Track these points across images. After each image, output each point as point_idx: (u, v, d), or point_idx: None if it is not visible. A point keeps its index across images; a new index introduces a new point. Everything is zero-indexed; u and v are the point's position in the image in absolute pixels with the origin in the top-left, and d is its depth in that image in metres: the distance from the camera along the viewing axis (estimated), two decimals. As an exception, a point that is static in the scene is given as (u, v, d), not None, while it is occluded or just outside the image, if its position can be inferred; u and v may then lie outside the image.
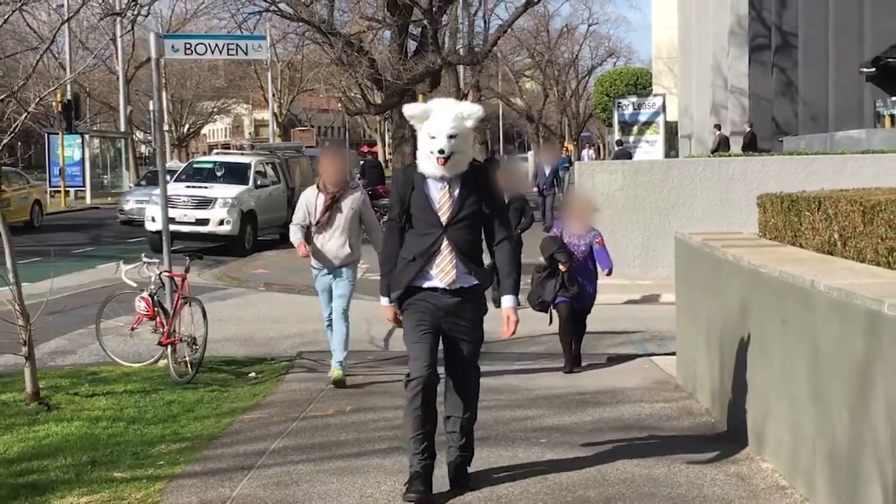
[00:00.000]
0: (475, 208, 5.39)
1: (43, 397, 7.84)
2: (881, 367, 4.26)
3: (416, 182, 5.41)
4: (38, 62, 11.64)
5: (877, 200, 5.68)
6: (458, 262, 5.40)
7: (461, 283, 5.44)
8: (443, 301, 5.43)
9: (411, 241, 5.46)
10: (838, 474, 4.77)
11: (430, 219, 5.38)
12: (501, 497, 5.36)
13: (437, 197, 5.38)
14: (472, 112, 5.38)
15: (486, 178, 5.54)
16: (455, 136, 5.27)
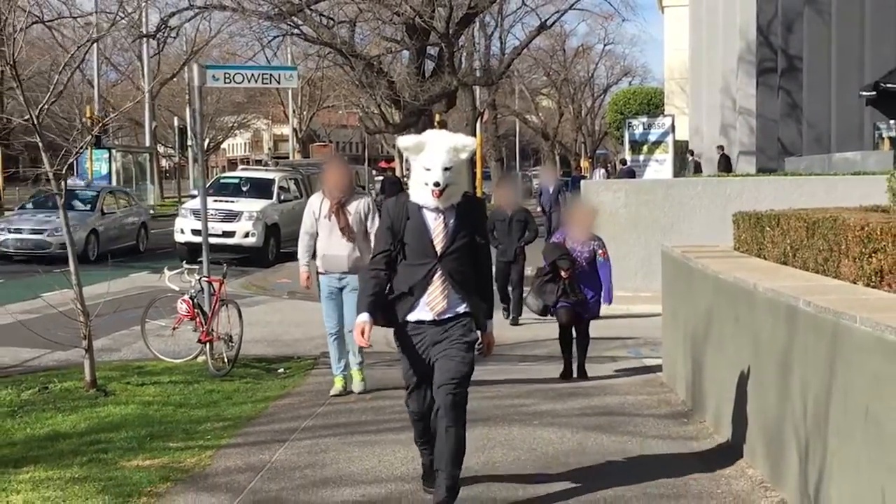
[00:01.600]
0: (468, 239, 5.43)
1: (100, 385, 8.94)
2: (798, 353, 5.31)
3: (412, 212, 5.42)
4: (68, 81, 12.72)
5: (817, 218, 6.72)
6: (450, 292, 5.42)
7: (449, 313, 5.46)
8: (430, 332, 5.46)
9: (404, 273, 5.46)
10: (770, 443, 5.80)
11: (425, 249, 5.38)
12: (496, 463, 6.40)
13: (432, 227, 5.39)
14: (467, 145, 5.45)
15: (475, 206, 5.64)
16: (450, 168, 5.32)
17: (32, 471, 6.32)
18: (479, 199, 6.01)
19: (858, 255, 5.85)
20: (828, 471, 4.89)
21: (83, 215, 22.96)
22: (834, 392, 4.80)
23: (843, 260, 6.12)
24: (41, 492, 5.86)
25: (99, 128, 10.73)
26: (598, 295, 10.03)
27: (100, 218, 23.51)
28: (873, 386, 4.35)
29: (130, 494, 5.81)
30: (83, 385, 8.95)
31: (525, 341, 12.32)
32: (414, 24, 26.01)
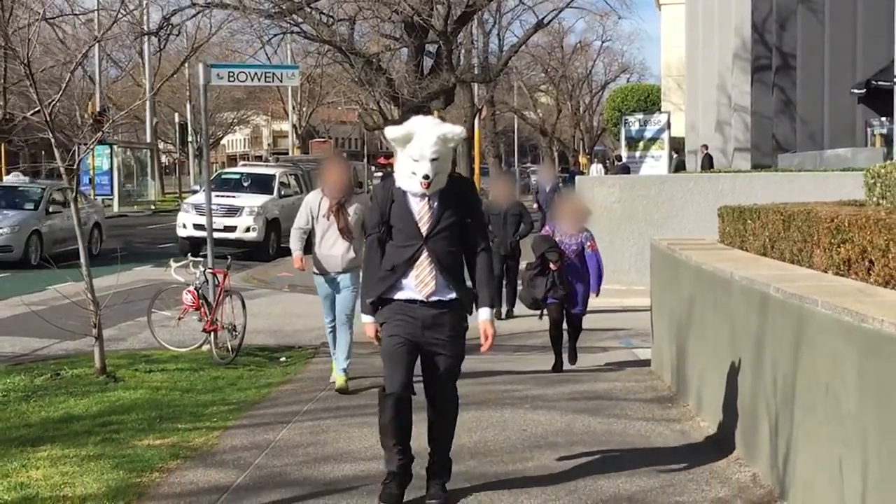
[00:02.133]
0: (454, 220, 5.42)
1: (109, 372, 9.31)
2: (769, 336, 5.68)
3: (396, 195, 5.42)
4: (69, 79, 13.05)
5: (793, 211, 7.08)
6: (437, 273, 5.40)
7: (439, 295, 5.43)
8: (420, 313, 5.42)
9: (391, 253, 5.48)
10: (745, 421, 6.17)
11: (410, 230, 5.40)
12: (488, 442, 6.77)
13: (417, 209, 5.39)
14: (455, 134, 5.41)
15: (465, 190, 5.60)
16: (437, 158, 5.31)
17: (49, 449, 6.69)
18: (466, 177, 5.92)
19: (828, 245, 6.21)
20: (794, 445, 5.26)
21: (25, 215, 21.23)
22: (799, 371, 5.17)
23: (815, 250, 6.48)
24: (59, 468, 6.22)
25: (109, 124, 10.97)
26: (587, 289, 10.07)
27: (44, 218, 21.56)
28: (832, 365, 4.73)
29: (143, 470, 6.18)
30: (93, 371, 9.32)
31: (520, 332, 12.69)
32: (412, 21, 26.37)
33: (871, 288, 5.33)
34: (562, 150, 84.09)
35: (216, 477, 6.09)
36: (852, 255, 5.90)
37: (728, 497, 5.54)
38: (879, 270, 5.50)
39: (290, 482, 5.95)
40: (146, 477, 6.07)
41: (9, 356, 11.01)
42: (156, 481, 6.00)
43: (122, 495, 5.69)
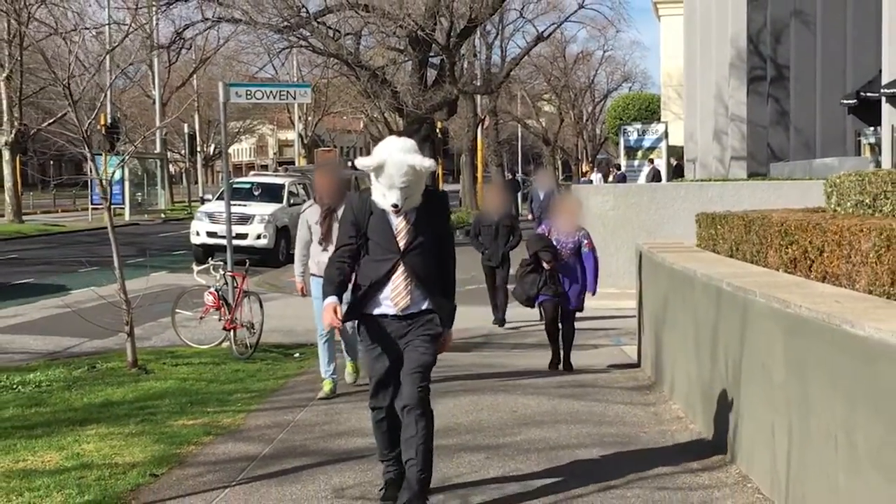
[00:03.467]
0: (431, 234, 5.48)
1: (141, 365, 10.22)
2: (722, 324, 6.58)
3: (375, 210, 5.45)
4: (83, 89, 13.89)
5: (752, 218, 7.99)
6: (413, 287, 5.45)
7: (413, 308, 5.49)
8: (393, 326, 5.49)
9: (367, 268, 5.51)
10: (705, 400, 7.07)
11: (388, 244, 5.44)
12: (482, 421, 7.67)
13: (395, 223, 5.42)
14: (424, 167, 5.37)
15: (439, 205, 5.65)
16: (408, 186, 5.33)
17: (96, 428, 7.59)
18: (442, 192, 5.95)
19: (778, 246, 7.12)
20: (740, 415, 6.16)
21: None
22: (744, 352, 6.07)
23: (769, 251, 7.39)
24: (107, 442, 7.13)
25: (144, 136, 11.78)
26: (582, 287, 10.27)
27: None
28: (766, 344, 5.63)
29: (181, 444, 7.08)
30: (125, 365, 10.24)
31: (517, 332, 13.59)
32: (416, 36, 27.28)
33: (807, 282, 6.24)
34: (565, 159, 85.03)
35: (245, 449, 7.00)
36: (797, 254, 6.80)
37: (686, 462, 6.44)
38: (817, 267, 6.40)
39: (309, 452, 6.85)
40: (184, 449, 6.98)
41: (44, 353, 11.94)
42: (192, 452, 6.91)
43: (166, 463, 6.59)
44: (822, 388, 4.82)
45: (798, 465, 5.13)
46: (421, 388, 5.43)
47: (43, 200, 58.52)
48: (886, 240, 5.34)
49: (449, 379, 9.11)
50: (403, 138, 5.60)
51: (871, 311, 4.71)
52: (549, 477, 6.09)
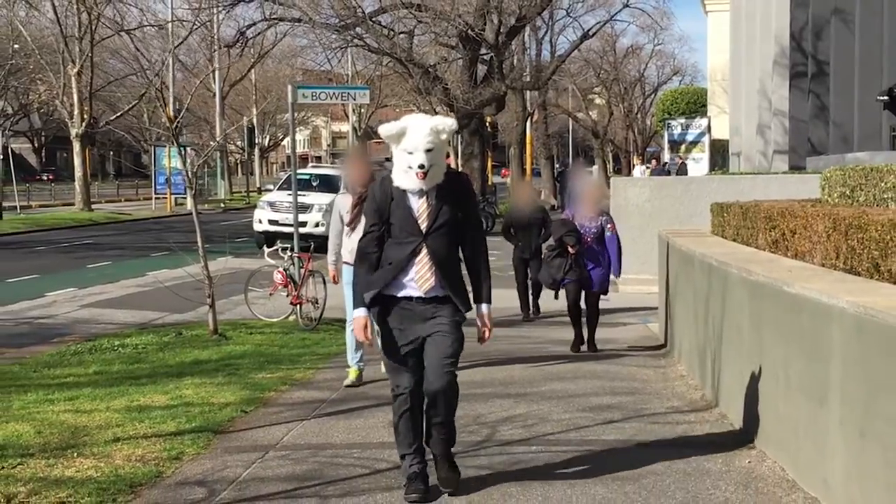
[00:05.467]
0: (452, 215, 5.49)
1: (220, 332, 11.74)
2: (712, 293, 7.92)
3: (396, 194, 5.49)
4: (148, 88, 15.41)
5: (748, 206, 9.30)
6: (436, 269, 5.46)
7: (437, 292, 5.49)
8: (419, 308, 5.49)
9: (390, 251, 5.52)
10: (700, 359, 8.41)
11: (410, 227, 5.45)
12: (514, 375, 9.08)
13: (416, 206, 5.46)
14: (447, 125, 5.49)
15: (461, 186, 5.68)
16: (431, 149, 5.38)
17: (191, 379, 9.09)
18: (463, 174, 6.10)
19: (765, 230, 8.44)
20: (723, 368, 7.50)
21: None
22: (726, 316, 7.41)
23: (759, 234, 8.70)
24: (201, 389, 8.62)
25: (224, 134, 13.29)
26: (607, 270, 10.66)
27: None
28: (738, 307, 6.97)
29: (263, 390, 8.57)
30: (207, 332, 11.76)
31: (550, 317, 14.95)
32: (466, 34, 28.66)
33: (778, 258, 7.56)
34: (615, 152, 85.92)
35: (316, 395, 8.46)
36: (777, 236, 8.13)
37: (680, 407, 7.79)
38: (790, 246, 7.72)
39: (369, 397, 8.29)
40: (266, 394, 8.46)
41: (133, 324, 13.52)
42: (273, 397, 8.39)
43: (252, 403, 8.07)
44: (771, 336, 6.17)
45: (756, 400, 6.48)
46: (450, 373, 5.48)
47: (105, 190, 60.72)
48: (833, 223, 6.67)
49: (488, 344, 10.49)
50: None
51: (808, 277, 6.04)
52: (564, 414, 7.49)
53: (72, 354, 10.66)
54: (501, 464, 6.18)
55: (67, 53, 39.66)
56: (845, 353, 4.93)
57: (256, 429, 7.28)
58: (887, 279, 5.72)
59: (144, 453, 6.49)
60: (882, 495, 4.54)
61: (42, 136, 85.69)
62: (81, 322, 13.67)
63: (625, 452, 6.40)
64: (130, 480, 5.91)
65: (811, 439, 5.44)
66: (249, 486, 5.84)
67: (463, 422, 7.21)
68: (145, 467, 6.19)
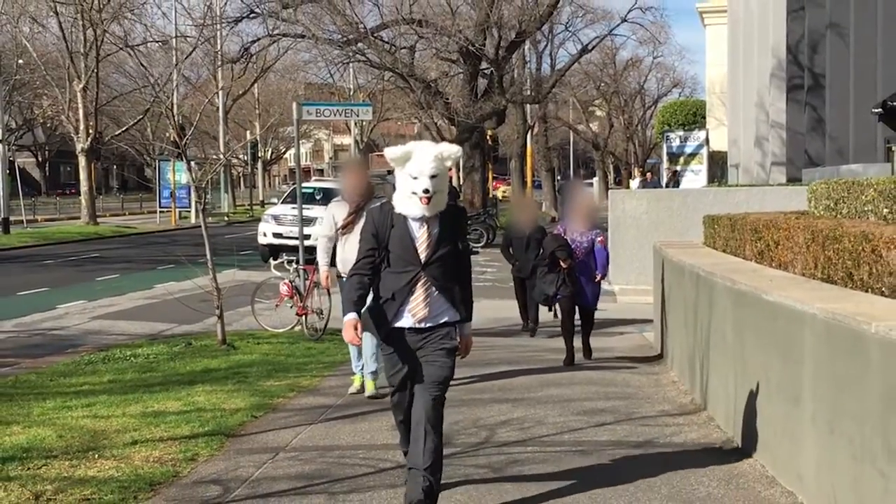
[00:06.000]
0: (451, 247, 5.54)
1: (229, 342, 12.12)
2: (700, 301, 8.30)
3: (397, 221, 5.49)
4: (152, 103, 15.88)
5: (736, 219, 9.68)
6: (432, 300, 5.51)
7: (431, 321, 5.53)
8: (411, 339, 5.54)
9: (388, 280, 5.53)
10: (689, 364, 8.79)
11: (409, 256, 5.47)
12: (513, 382, 9.45)
13: (417, 235, 5.46)
14: (452, 153, 5.53)
15: (459, 218, 5.73)
16: (436, 175, 5.40)
17: (202, 387, 9.46)
18: (461, 207, 6.15)
19: (751, 241, 8.82)
20: (710, 373, 7.88)
21: None
22: (712, 323, 7.79)
23: (746, 245, 9.09)
24: (213, 395, 9.00)
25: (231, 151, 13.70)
26: (597, 286, 10.89)
27: None
28: (723, 315, 7.35)
29: (271, 397, 8.94)
30: (216, 342, 12.13)
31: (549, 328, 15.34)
32: (467, 50, 29.10)
33: (762, 268, 7.95)
34: (616, 164, 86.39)
35: (322, 400, 8.84)
36: (762, 247, 8.51)
37: (670, 411, 8.17)
38: (774, 257, 8.11)
39: (374, 403, 8.65)
40: (274, 400, 8.84)
41: (142, 335, 13.90)
42: (281, 402, 8.77)
43: (261, 409, 8.45)
44: (753, 342, 6.55)
45: (739, 403, 6.85)
46: (436, 400, 5.53)
47: (109, 203, 61.19)
48: (812, 235, 7.05)
49: (488, 352, 10.89)
50: None
51: (786, 286, 6.42)
52: (559, 417, 7.87)
53: (86, 364, 11.04)
54: (498, 463, 6.56)
55: (73, 69, 40.11)
56: (816, 356, 5.31)
57: (266, 432, 7.66)
58: (859, 287, 6.10)
59: (161, 455, 6.87)
60: (849, 487, 4.91)
61: (46, 151, 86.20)
62: (93, 333, 14.06)
63: (615, 452, 6.78)
64: (150, 479, 6.28)
65: (787, 437, 5.82)
66: (262, 484, 6.22)
67: (463, 425, 7.62)
68: (163, 467, 6.57)
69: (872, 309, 5.04)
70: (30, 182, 76.18)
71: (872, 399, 4.59)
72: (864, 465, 4.69)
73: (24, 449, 7.01)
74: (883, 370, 4.48)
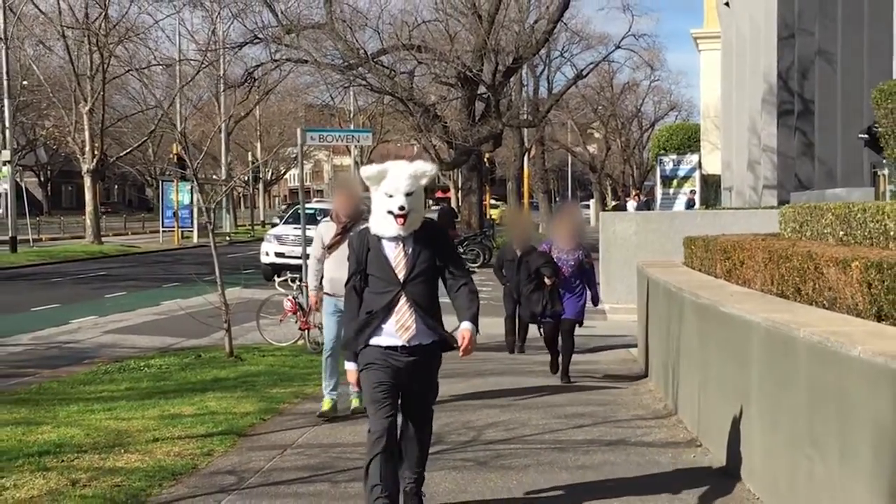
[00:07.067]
0: (429, 263, 5.55)
1: (236, 355, 12.86)
2: (672, 314, 9.05)
3: (372, 243, 5.54)
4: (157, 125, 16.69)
5: (709, 240, 10.46)
6: (417, 316, 5.49)
7: (420, 339, 5.53)
8: (401, 360, 5.51)
9: (369, 300, 5.56)
10: (665, 375, 9.54)
11: (387, 277, 5.49)
12: (503, 390, 10.17)
13: (392, 255, 5.50)
14: (426, 170, 5.54)
15: (436, 232, 5.69)
16: (411, 193, 5.42)
17: (213, 394, 10.20)
18: (440, 224, 6.06)
19: (721, 260, 9.59)
20: (680, 379, 8.63)
21: None
22: (682, 334, 8.54)
23: (717, 265, 9.86)
24: (224, 401, 9.73)
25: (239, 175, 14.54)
26: (583, 300, 11.06)
27: None
28: (690, 326, 8.11)
29: (278, 402, 9.69)
30: (224, 355, 12.88)
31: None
32: (465, 75, 29.96)
33: (727, 284, 8.71)
34: (613, 186, 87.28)
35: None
36: (730, 266, 9.28)
37: (643, 415, 8.91)
38: (740, 275, 8.87)
39: (372, 408, 9.39)
40: (281, 405, 9.59)
41: (153, 348, 14.63)
42: (287, 407, 9.52)
43: (269, 412, 9.20)
44: (713, 349, 7.30)
45: (703, 405, 7.60)
46: (426, 423, 5.83)
47: (112, 223, 61.88)
48: (769, 255, 7.82)
49: (481, 365, 11.62)
50: None
51: (742, 299, 7.18)
52: (542, 420, 8.63)
53: (103, 373, 11.78)
54: (484, 457, 7.31)
55: (79, 91, 40.95)
56: (760, 359, 6.06)
57: (274, 432, 8.40)
58: (805, 300, 6.87)
59: (181, 450, 7.61)
60: (785, 471, 5.66)
61: (48, 171, 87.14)
62: (106, 346, 14.80)
63: (590, 449, 7.53)
64: (171, 470, 7.03)
65: (738, 433, 6.57)
66: (272, 475, 6.97)
67: (453, 426, 8.37)
68: (183, 461, 7.31)
69: (806, 318, 5.80)
70: (32, 201, 76.96)
71: (801, 394, 5.34)
72: (796, 451, 5.44)
73: (56, 445, 7.75)
74: (808, 369, 5.24)
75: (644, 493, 6.37)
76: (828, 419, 4.99)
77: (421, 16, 33.00)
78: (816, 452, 5.13)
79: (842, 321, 5.66)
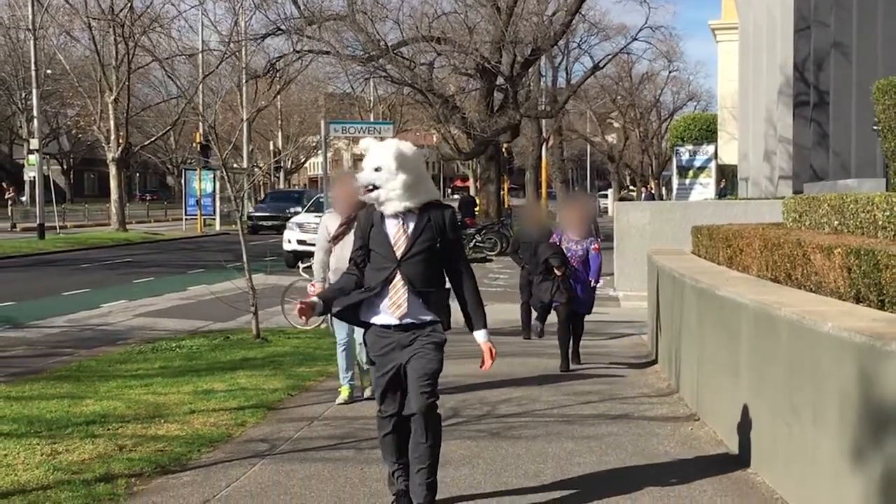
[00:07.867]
0: (429, 245, 5.55)
1: (262, 336, 13.48)
2: (675, 298, 9.60)
3: (375, 220, 5.61)
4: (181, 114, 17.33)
5: (713, 229, 11.00)
6: (411, 296, 5.52)
7: (412, 318, 5.56)
8: (395, 337, 5.57)
9: (369, 276, 5.63)
10: (669, 356, 10.09)
11: (386, 253, 5.55)
12: (516, 372, 10.75)
13: (393, 233, 5.54)
14: (402, 149, 5.55)
15: (442, 216, 5.65)
16: (379, 168, 5.48)
17: (242, 372, 10.82)
18: (447, 205, 5.87)
19: (723, 248, 10.13)
20: (681, 359, 9.19)
21: None
22: (683, 316, 9.10)
23: (719, 252, 10.40)
24: (253, 379, 10.35)
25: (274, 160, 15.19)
26: (592, 293, 11.33)
27: None
28: (691, 307, 8.66)
29: (304, 380, 10.30)
30: (251, 336, 13.50)
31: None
32: (483, 66, 30.47)
33: (726, 270, 9.26)
34: (632, 176, 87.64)
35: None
36: (731, 253, 9.82)
37: (648, 393, 9.48)
38: (739, 262, 9.42)
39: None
40: (307, 382, 10.20)
41: (183, 330, 15.28)
42: (313, 384, 10.14)
43: (296, 389, 9.82)
44: (710, 330, 7.86)
45: (700, 381, 8.16)
46: (428, 395, 5.52)
47: (135, 211, 62.77)
48: (764, 243, 8.37)
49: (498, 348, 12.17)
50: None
51: (736, 283, 7.74)
52: (552, 396, 9.23)
53: (137, 353, 12.43)
54: (497, 429, 7.90)
55: (105, 81, 41.66)
56: (748, 336, 6.62)
57: (302, 406, 9.02)
58: (795, 285, 7.42)
59: (216, 421, 8.23)
60: (768, 439, 6.22)
61: (71, 159, 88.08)
62: (137, 329, 15.47)
63: (594, 422, 8.12)
64: (209, 438, 7.64)
65: (730, 405, 7.13)
66: (301, 443, 7.58)
67: (469, 402, 8.96)
68: (218, 430, 7.93)
69: (789, 299, 6.36)
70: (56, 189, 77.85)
71: (782, 368, 5.90)
72: (777, 420, 6.00)
73: (100, 415, 8.39)
74: (788, 344, 5.79)
75: (641, 458, 6.94)
76: (803, 388, 5.55)
77: (441, 7, 33.52)
78: (795, 419, 5.69)
79: (821, 302, 6.22)
